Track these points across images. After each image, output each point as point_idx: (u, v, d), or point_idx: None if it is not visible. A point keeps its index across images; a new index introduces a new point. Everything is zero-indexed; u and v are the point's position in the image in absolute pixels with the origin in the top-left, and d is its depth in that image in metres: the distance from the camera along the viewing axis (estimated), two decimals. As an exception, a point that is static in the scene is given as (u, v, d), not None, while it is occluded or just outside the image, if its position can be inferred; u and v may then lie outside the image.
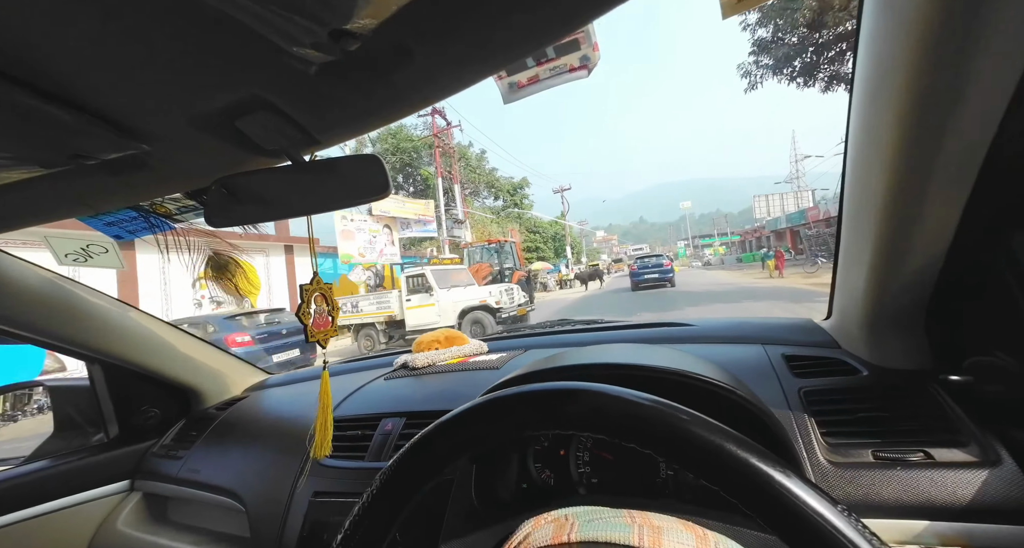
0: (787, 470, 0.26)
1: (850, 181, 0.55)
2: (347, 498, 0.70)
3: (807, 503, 0.25)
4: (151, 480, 1.03)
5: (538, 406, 0.33)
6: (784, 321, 0.86)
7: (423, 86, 0.52)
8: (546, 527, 0.45)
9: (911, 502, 0.46)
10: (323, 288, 0.70)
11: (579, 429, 0.31)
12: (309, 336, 0.66)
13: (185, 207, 0.84)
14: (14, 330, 0.84)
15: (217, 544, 0.86)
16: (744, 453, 0.27)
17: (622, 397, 0.31)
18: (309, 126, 0.56)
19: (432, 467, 0.34)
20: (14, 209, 0.68)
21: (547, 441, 0.70)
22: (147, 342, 1.07)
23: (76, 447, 1.10)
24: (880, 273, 0.53)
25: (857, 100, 0.49)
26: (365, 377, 1.08)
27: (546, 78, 0.52)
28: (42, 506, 0.93)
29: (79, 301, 0.94)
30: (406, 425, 0.76)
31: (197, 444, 1.03)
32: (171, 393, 1.16)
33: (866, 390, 0.58)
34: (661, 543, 0.38)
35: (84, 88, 0.42)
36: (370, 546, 0.35)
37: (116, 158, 0.55)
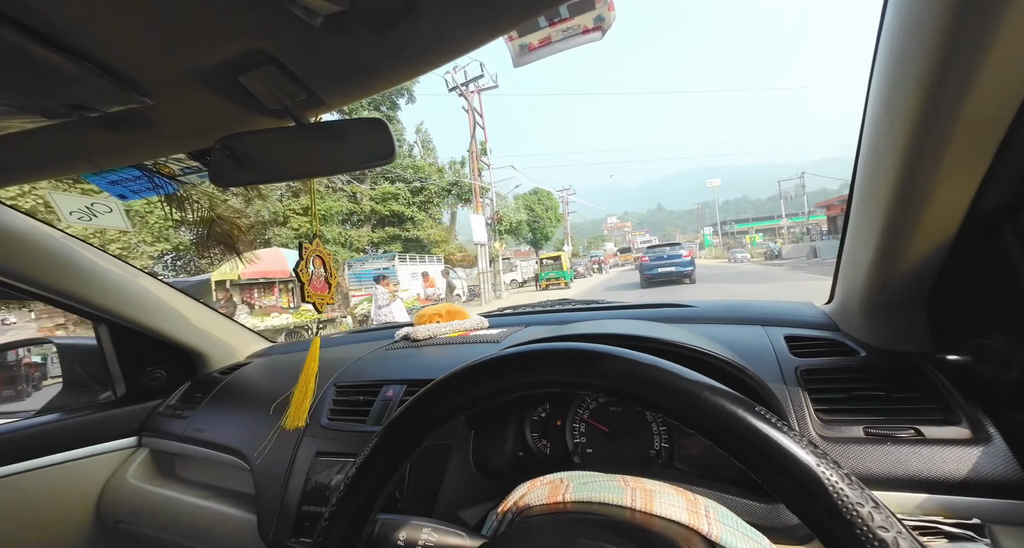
0: (799, 435, 0.26)
1: (863, 163, 0.55)
2: (348, 458, 0.72)
3: (821, 472, 0.24)
4: (158, 438, 1.07)
5: (555, 361, 0.33)
6: (785, 304, 0.86)
7: (430, 44, 0.50)
8: (541, 488, 0.46)
9: (898, 475, 0.47)
10: (322, 252, 0.70)
11: (583, 387, 0.32)
12: (305, 296, 0.66)
13: (189, 168, 0.83)
14: (21, 285, 0.85)
15: (223, 499, 0.90)
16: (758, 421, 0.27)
17: (632, 359, 0.31)
18: (313, 84, 0.55)
19: (443, 414, 0.35)
20: (20, 162, 0.68)
21: (544, 412, 0.72)
22: (154, 305, 1.09)
23: (85, 403, 1.13)
24: (886, 256, 0.53)
25: (876, 80, 0.48)
26: (367, 348, 1.09)
27: (558, 40, 0.50)
28: (55, 456, 0.97)
29: (86, 261, 0.95)
30: (406, 392, 0.78)
31: (202, 405, 1.05)
32: (177, 356, 1.19)
33: (862, 370, 0.59)
34: (653, 505, 0.39)
35: (81, 34, 0.41)
36: (374, 490, 0.36)
37: (119, 112, 0.54)
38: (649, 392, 0.29)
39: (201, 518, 0.89)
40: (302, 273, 0.66)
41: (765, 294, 9.66)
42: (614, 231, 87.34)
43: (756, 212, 72.17)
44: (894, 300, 0.57)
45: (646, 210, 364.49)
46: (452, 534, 0.42)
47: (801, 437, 0.26)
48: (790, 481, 0.25)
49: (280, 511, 0.72)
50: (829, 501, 0.23)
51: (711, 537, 0.36)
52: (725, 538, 0.36)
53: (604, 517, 0.39)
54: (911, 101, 0.41)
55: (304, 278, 0.66)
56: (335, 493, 0.36)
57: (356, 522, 0.36)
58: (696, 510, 0.39)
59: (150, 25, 0.42)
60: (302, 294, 0.66)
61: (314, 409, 0.83)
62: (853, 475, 0.25)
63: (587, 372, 0.32)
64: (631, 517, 0.39)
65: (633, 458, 0.63)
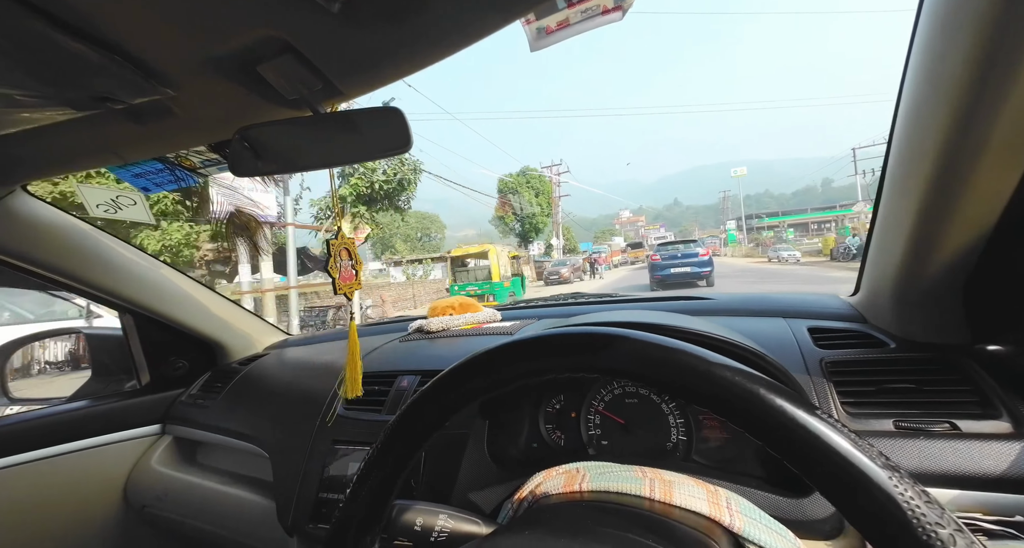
0: (841, 427, 0.24)
1: (898, 149, 0.52)
2: (364, 447, 0.73)
3: (869, 467, 0.22)
4: (181, 425, 1.10)
5: (577, 347, 0.32)
6: (808, 296, 0.84)
7: (447, 30, 0.49)
8: (558, 478, 0.46)
9: (932, 470, 0.46)
10: (347, 242, 0.70)
11: (608, 372, 0.30)
12: (337, 289, 0.67)
13: (209, 160, 0.84)
14: (53, 275, 0.88)
15: (243, 485, 0.92)
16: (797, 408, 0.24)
17: (655, 342, 0.30)
18: (330, 74, 0.55)
19: (458, 402, 0.34)
20: (48, 155, 0.70)
21: (559, 403, 0.71)
22: (177, 297, 1.12)
23: (111, 391, 1.17)
24: (921, 245, 0.51)
25: (915, 60, 0.46)
26: (381, 339, 1.10)
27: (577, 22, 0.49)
28: (84, 441, 1.00)
29: (113, 253, 0.98)
30: (420, 382, 0.78)
31: (222, 395, 1.08)
32: (198, 347, 1.22)
33: (892, 362, 0.57)
34: (672, 495, 0.38)
35: (108, 24, 0.42)
36: (394, 472, 0.36)
37: (143, 104, 0.55)
38: (689, 382, 0.27)
39: (222, 504, 0.91)
40: (332, 270, 0.67)
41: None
42: (627, 225, 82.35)
43: (780, 208, 64.49)
44: (928, 291, 0.55)
45: (662, 205, 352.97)
46: (468, 521, 0.42)
47: (871, 447, 0.24)
48: (859, 497, 0.22)
49: (298, 498, 0.73)
50: (905, 523, 0.21)
51: (733, 529, 0.35)
52: (748, 530, 0.35)
53: (622, 506, 0.38)
54: (955, 85, 0.39)
55: (335, 274, 0.67)
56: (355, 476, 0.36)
57: (374, 506, 0.36)
58: (717, 502, 0.38)
59: (173, 14, 0.42)
60: (334, 288, 0.67)
61: (332, 398, 0.85)
62: (929, 492, 0.22)
63: (642, 362, 0.29)
64: (649, 507, 0.38)
65: (650, 451, 0.62)
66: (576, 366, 0.31)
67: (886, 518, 0.21)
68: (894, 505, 0.21)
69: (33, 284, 0.90)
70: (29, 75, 0.45)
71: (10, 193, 0.78)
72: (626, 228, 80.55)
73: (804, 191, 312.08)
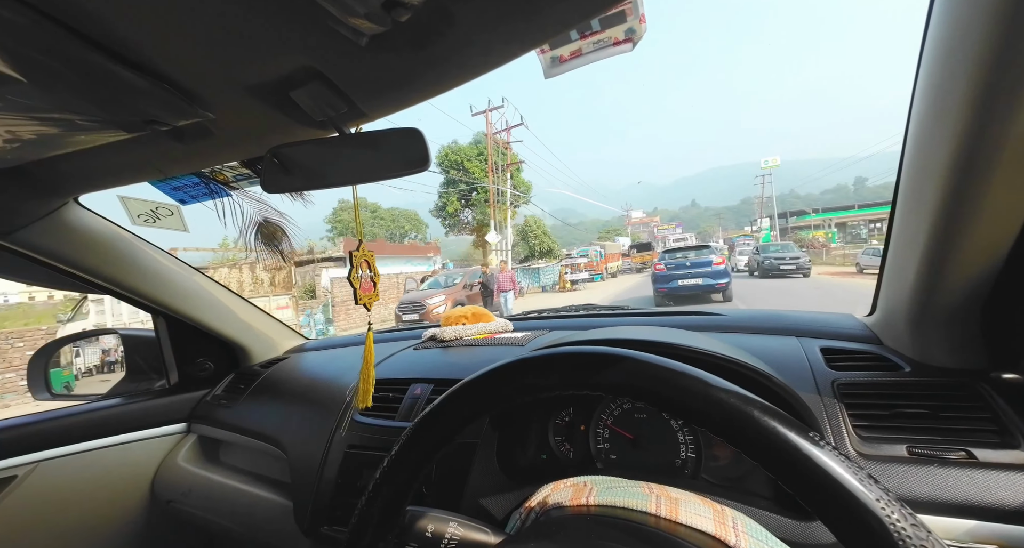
0: (849, 462, 0.25)
1: (910, 163, 0.52)
2: (377, 452, 0.75)
3: (869, 501, 0.23)
4: (205, 425, 1.15)
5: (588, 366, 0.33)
6: (822, 315, 0.83)
7: (467, 58, 0.52)
8: (565, 490, 0.47)
9: (946, 499, 0.45)
10: (367, 255, 0.74)
11: (615, 392, 0.32)
12: (357, 299, 0.70)
13: (240, 175, 0.90)
14: (95, 279, 0.94)
15: (262, 485, 0.95)
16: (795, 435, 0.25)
17: (655, 364, 0.31)
18: (356, 98, 0.59)
19: (469, 414, 0.36)
20: (100, 171, 0.76)
21: (568, 416, 0.72)
22: (205, 301, 1.17)
23: (143, 390, 1.24)
24: (936, 265, 0.50)
25: (925, 71, 0.46)
26: (395, 347, 1.13)
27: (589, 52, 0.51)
28: (117, 437, 1.06)
29: (150, 259, 1.04)
30: (433, 391, 0.80)
31: (244, 396, 1.13)
32: (223, 349, 1.27)
33: (907, 386, 0.56)
34: (678, 513, 0.39)
35: (157, 55, 0.46)
36: (410, 477, 0.38)
37: (184, 125, 0.60)
38: (686, 401, 0.29)
39: (242, 502, 0.95)
40: (354, 280, 0.70)
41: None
42: (638, 226, 73.09)
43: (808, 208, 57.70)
44: (944, 312, 0.54)
45: (678, 207, 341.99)
46: (477, 530, 0.43)
47: (860, 469, 0.25)
48: (845, 515, 0.23)
49: (314, 500, 0.76)
50: (891, 544, 0.22)
51: None
52: None
53: (627, 522, 0.39)
54: (967, 100, 0.38)
55: (356, 284, 0.70)
56: (372, 481, 0.38)
57: (389, 511, 0.38)
58: (723, 521, 0.38)
59: (216, 46, 0.46)
60: (355, 298, 0.70)
61: (347, 405, 0.87)
62: (916, 515, 0.23)
63: (643, 382, 0.31)
64: (655, 524, 0.39)
65: (658, 466, 0.62)
66: (580, 384, 0.33)
67: (872, 538, 0.22)
68: (881, 526, 0.22)
69: (78, 286, 0.97)
70: (89, 102, 0.50)
71: (64, 205, 0.84)
72: (637, 229, 70.37)
73: (835, 190, 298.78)
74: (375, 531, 0.37)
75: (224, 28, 0.43)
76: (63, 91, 0.47)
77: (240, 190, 0.95)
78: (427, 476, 0.65)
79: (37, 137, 0.57)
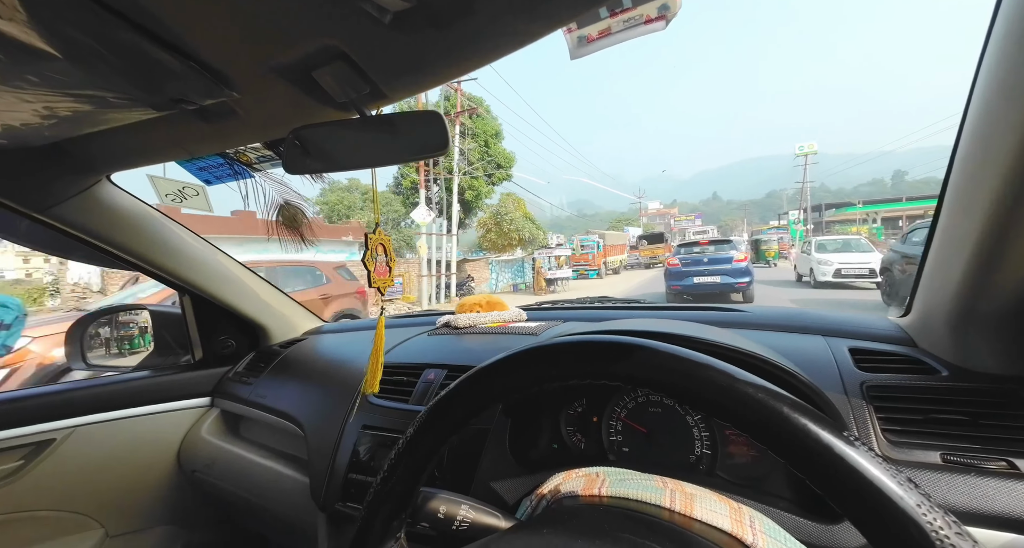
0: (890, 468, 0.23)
1: (965, 156, 0.49)
2: (391, 433, 0.76)
3: (909, 506, 0.22)
4: (227, 400, 1.19)
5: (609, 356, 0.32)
6: (852, 315, 0.79)
7: (491, 38, 0.51)
8: (577, 480, 0.47)
9: (983, 510, 0.42)
10: (383, 239, 0.74)
11: (636, 383, 0.31)
12: (371, 282, 0.70)
13: (263, 156, 0.91)
14: (125, 255, 0.98)
15: (281, 460, 0.99)
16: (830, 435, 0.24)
17: (677, 355, 0.30)
18: (377, 79, 0.58)
19: (485, 399, 0.36)
20: (130, 149, 0.78)
21: (581, 407, 0.72)
22: (228, 280, 1.21)
23: (169, 364, 1.29)
24: (988, 265, 0.47)
25: (987, 64, 0.43)
26: (409, 332, 1.14)
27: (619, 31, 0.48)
28: (145, 408, 1.11)
29: (176, 238, 1.07)
30: (447, 376, 0.81)
31: (264, 374, 1.16)
32: (244, 328, 1.31)
33: (944, 391, 0.53)
34: (693, 509, 0.38)
35: (187, 35, 0.47)
36: (426, 457, 0.38)
37: (210, 105, 0.61)
38: (711, 396, 0.28)
39: (262, 476, 0.99)
40: (368, 262, 0.70)
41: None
42: (654, 218, 68.56)
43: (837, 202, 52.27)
44: (991, 316, 0.51)
45: (698, 200, 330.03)
46: (488, 514, 0.43)
47: (899, 472, 0.23)
48: (882, 520, 0.22)
49: (330, 477, 0.78)
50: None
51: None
52: None
53: (641, 514, 0.38)
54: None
55: (370, 267, 0.70)
56: (387, 461, 0.39)
57: (404, 490, 0.38)
58: (740, 519, 0.37)
59: (243, 24, 0.46)
60: (369, 281, 0.70)
61: (363, 385, 0.89)
62: (960, 523, 0.22)
63: (666, 374, 0.29)
64: (669, 518, 0.38)
65: (672, 462, 0.61)
66: (600, 373, 0.32)
67: (911, 545, 0.21)
68: (922, 534, 0.21)
69: (110, 262, 1.01)
70: (121, 79, 0.51)
71: (97, 182, 0.87)
72: (653, 221, 65.24)
73: (870, 185, 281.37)
74: (390, 509, 0.38)
75: (252, 5, 0.43)
76: (97, 68, 0.48)
77: (263, 172, 0.97)
78: (440, 459, 0.66)
79: (72, 114, 0.58)
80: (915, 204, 33.79)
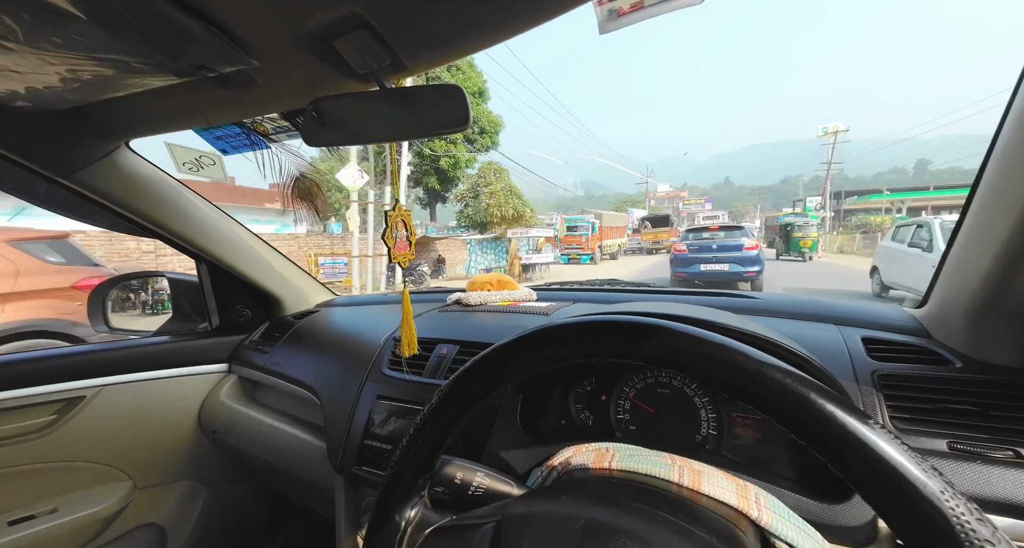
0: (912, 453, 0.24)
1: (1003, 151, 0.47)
2: (405, 404, 0.79)
3: (932, 493, 0.22)
4: (244, 367, 1.23)
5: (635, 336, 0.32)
6: (865, 305, 0.79)
7: (520, 9, 0.49)
8: (587, 453, 0.48)
9: (987, 496, 0.44)
10: (404, 214, 0.74)
11: (661, 364, 0.31)
12: (392, 258, 0.71)
13: (280, 127, 0.90)
14: (143, 222, 0.99)
15: (298, 426, 1.03)
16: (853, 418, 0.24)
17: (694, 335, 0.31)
18: (399, 50, 0.57)
19: (514, 371, 0.37)
20: (149, 116, 0.78)
21: (590, 385, 0.73)
22: (244, 251, 1.23)
23: (188, 330, 1.33)
24: (1016, 258, 0.47)
25: None
26: (420, 308, 1.16)
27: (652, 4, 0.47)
28: (166, 371, 1.16)
29: (193, 207, 1.08)
30: (460, 351, 0.83)
31: (279, 343, 1.19)
32: (259, 298, 1.34)
33: (956, 382, 0.54)
34: (701, 484, 0.40)
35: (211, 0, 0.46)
36: (450, 424, 0.39)
37: (230, 73, 0.60)
38: (737, 379, 0.28)
39: (279, 439, 1.03)
40: (388, 239, 0.71)
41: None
42: (663, 201, 65.96)
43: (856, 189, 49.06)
44: (1015, 309, 0.51)
45: (710, 184, 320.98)
46: (502, 482, 0.46)
47: (923, 460, 0.23)
48: (904, 506, 0.22)
49: (346, 443, 0.82)
50: (954, 538, 0.21)
51: (760, 523, 0.36)
52: (776, 526, 0.36)
53: (651, 487, 0.40)
54: None
55: (390, 243, 0.71)
56: (411, 428, 0.41)
57: (429, 454, 0.40)
58: (746, 496, 0.39)
59: None
60: (389, 257, 0.71)
61: (377, 356, 0.92)
62: (982, 511, 0.22)
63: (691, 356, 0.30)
64: (677, 492, 0.40)
65: (678, 441, 0.63)
66: (625, 353, 0.33)
67: (935, 532, 0.21)
68: (943, 519, 0.21)
69: (129, 229, 1.03)
70: (144, 43, 0.51)
71: (116, 148, 0.88)
72: (661, 204, 62.43)
73: (891, 173, 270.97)
74: (415, 468, 0.40)
75: None
76: (121, 32, 0.47)
77: (279, 143, 0.96)
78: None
79: (94, 78, 0.58)
80: (943, 193, 31.43)
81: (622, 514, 0.32)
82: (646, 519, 0.31)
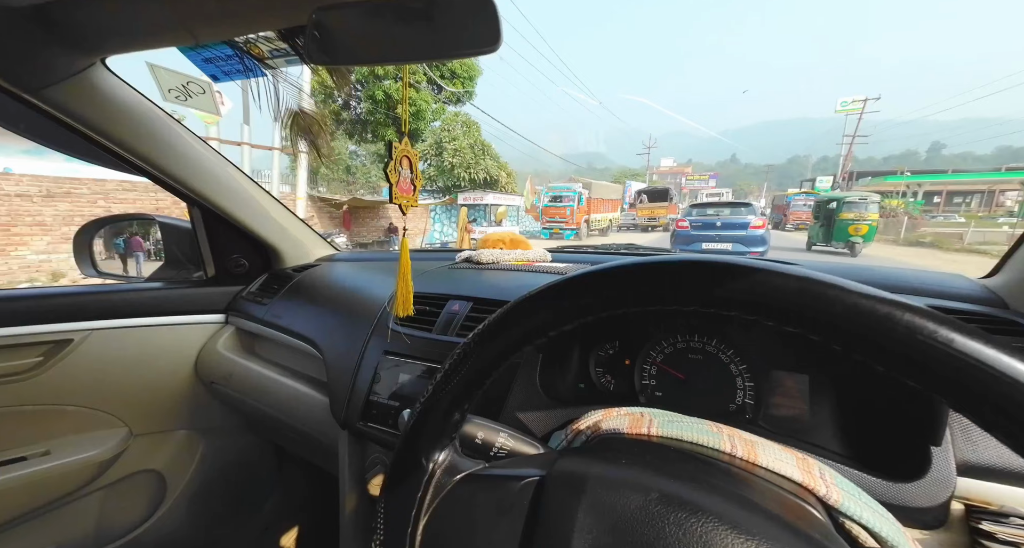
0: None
1: None
2: (414, 361, 0.75)
3: None
4: (242, 318, 1.19)
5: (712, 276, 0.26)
6: (930, 273, 0.73)
7: None
8: (620, 418, 0.44)
9: None
10: (410, 152, 0.66)
11: (747, 311, 0.25)
12: (393, 197, 0.64)
13: (277, 50, 0.80)
14: (126, 153, 0.90)
15: (298, 379, 0.99)
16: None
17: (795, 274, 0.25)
18: None
19: (564, 317, 0.30)
20: (127, 28, 0.67)
21: (613, 349, 0.69)
22: (242, 197, 1.14)
23: (182, 278, 1.27)
24: None
25: None
26: (428, 265, 1.10)
27: None
28: (161, 318, 1.11)
29: (184, 144, 0.99)
30: (473, 308, 0.77)
31: (279, 296, 1.14)
32: (257, 248, 1.27)
33: None
34: (756, 456, 0.35)
35: None
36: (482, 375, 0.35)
37: None
38: (855, 327, 0.22)
39: (279, 392, 1.00)
40: (391, 173, 0.63)
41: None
42: (666, 176, 62.97)
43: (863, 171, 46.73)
44: None
45: (715, 161, 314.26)
46: (526, 443, 0.41)
47: None
48: None
49: (351, 398, 0.78)
50: None
51: (829, 501, 0.32)
52: (847, 505, 0.32)
53: (700, 457, 0.36)
54: None
55: (393, 179, 0.63)
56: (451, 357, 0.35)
57: (468, 386, 0.35)
58: (809, 470, 0.35)
59: None
60: (390, 195, 0.64)
61: (383, 312, 0.86)
62: None
63: (777, 295, 0.24)
64: (730, 462, 0.35)
65: (710, 409, 0.59)
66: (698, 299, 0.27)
67: None
68: None
69: (113, 162, 0.93)
70: None
71: (91, 66, 0.77)
72: (664, 179, 59.49)
73: (902, 156, 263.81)
74: (448, 406, 0.36)
75: None
76: None
77: (277, 70, 0.86)
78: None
79: None
80: (960, 177, 30.77)
81: (699, 490, 0.27)
82: (729, 499, 0.27)
